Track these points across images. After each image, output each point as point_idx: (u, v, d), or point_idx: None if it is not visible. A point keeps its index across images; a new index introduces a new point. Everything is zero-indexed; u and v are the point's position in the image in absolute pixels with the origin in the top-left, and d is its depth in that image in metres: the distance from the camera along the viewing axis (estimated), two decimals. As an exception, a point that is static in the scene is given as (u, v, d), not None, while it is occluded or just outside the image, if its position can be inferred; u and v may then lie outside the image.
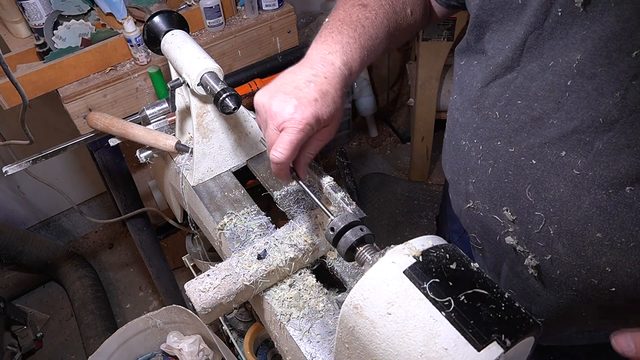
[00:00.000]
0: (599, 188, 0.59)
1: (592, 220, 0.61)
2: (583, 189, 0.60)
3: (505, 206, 0.70)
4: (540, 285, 0.72)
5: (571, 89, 0.57)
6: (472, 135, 0.72)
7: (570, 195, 0.61)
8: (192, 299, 0.75)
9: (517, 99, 0.64)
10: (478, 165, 0.72)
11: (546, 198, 0.64)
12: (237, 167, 1.03)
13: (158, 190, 1.79)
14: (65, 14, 1.41)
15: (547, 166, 0.63)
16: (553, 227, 0.65)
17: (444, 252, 0.54)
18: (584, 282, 0.66)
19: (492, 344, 0.47)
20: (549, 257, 0.67)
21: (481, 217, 0.75)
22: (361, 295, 0.54)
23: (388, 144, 2.90)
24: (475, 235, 0.80)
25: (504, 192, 0.69)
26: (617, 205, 0.59)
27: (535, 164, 0.64)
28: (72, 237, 2.54)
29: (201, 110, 0.93)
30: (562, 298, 0.71)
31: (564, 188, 0.62)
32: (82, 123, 1.38)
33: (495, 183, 0.70)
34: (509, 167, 0.67)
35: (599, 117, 0.56)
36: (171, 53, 0.93)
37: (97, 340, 1.91)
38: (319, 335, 0.75)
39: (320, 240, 0.83)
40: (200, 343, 1.48)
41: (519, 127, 0.64)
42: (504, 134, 0.66)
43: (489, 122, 0.69)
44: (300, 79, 0.69)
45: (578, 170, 0.60)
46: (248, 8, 1.51)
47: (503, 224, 0.71)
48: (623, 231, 0.59)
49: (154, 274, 1.82)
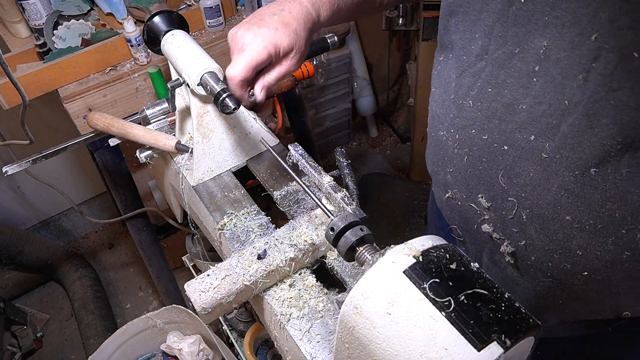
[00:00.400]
0: (566, 170, 0.60)
1: (562, 204, 0.62)
2: (551, 172, 0.62)
3: (481, 193, 0.72)
4: (517, 273, 0.74)
5: (538, 75, 0.59)
6: (448, 125, 0.74)
7: (540, 179, 0.63)
8: (192, 299, 0.75)
9: (488, 87, 0.65)
10: (455, 154, 0.74)
11: (518, 183, 0.65)
12: (237, 167, 1.03)
13: (158, 190, 1.80)
14: (65, 14, 1.41)
15: (518, 151, 0.64)
16: (525, 212, 0.66)
17: (444, 252, 0.54)
18: (557, 267, 0.67)
19: (492, 344, 0.47)
20: (523, 242, 0.69)
21: (459, 207, 0.77)
22: (361, 295, 0.54)
23: (388, 144, 2.90)
24: (456, 227, 0.82)
25: (479, 179, 0.71)
26: (583, 188, 0.60)
27: (507, 149, 0.65)
28: (72, 237, 2.54)
29: (201, 110, 0.93)
30: (539, 285, 0.72)
31: (534, 172, 0.63)
32: (82, 123, 1.38)
33: (471, 171, 0.72)
34: (483, 154, 0.69)
35: (564, 100, 0.57)
36: (171, 53, 0.93)
37: (97, 340, 1.91)
38: (319, 335, 0.75)
39: (320, 240, 0.82)
40: (200, 343, 1.48)
41: (491, 114, 0.66)
42: (478, 122, 0.68)
43: (463, 112, 0.70)
44: (266, 12, 0.79)
45: (546, 153, 0.61)
46: (248, 8, 1.51)
47: (479, 211, 0.73)
48: (590, 213, 0.61)
49: (154, 274, 1.82)
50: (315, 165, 0.89)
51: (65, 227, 2.49)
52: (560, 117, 0.59)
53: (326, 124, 2.66)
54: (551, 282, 0.70)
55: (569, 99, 0.57)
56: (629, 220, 0.59)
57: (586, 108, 0.56)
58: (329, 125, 2.68)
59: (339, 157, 0.92)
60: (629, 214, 0.58)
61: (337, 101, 2.60)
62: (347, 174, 0.91)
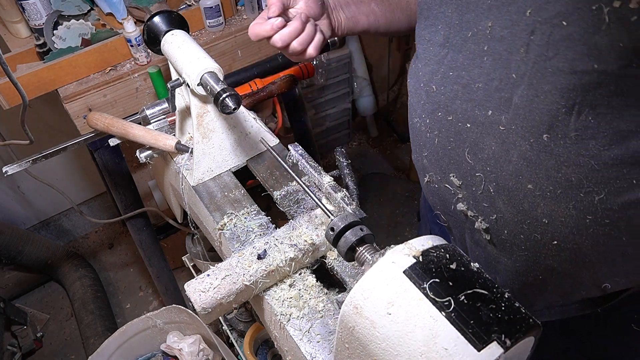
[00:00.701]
0: (522, 140, 0.64)
1: (522, 173, 0.65)
2: (510, 143, 0.65)
3: (452, 172, 0.76)
4: (496, 250, 0.77)
5: (488, 53, 0.64)
6: (420, 111, 0.79)
7: (501, 151, 0.66)
8: (192, 299, 0.75)
9: (449, 71, 0.71)
10: (427, 138, 0.78)
11: (482, 158, 0.69)
12: (237, 167, 1.03)
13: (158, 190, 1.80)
14: (65, 14, 1.41)
15: (479, 127, 0.68)
16: (492, 186, 0.70)
17: (444, 252, 0.54)
18: (529, 238, 0.70)
19: (492, 344, 0.47)
20: (495, 217, 0.72)
21: (437, 190, 0.81)
22: (361, 295, 0.54)
23: (388, 144, 2.90)
24: (440, 212, 0.85)
25: (449, 159, 0.75)
26: (539, 154, 0.63)
27: (469, 127, 0.69)
28: (72, 237, 2.54)
29: (201, 110, 0.93)
30: (518, 261, 0.74)
31: (495, 145, 0.67)
32: (82, 123, 1.38)
33: (442, 152, 0.76)
34: (450, 135, 0.73)
35: (511, 74, 0.62)
36: (171, 53, 0.93)
37: (97, 340, 1.91)
38: (319, 335, 0.75)
39: (320, 240, 0.82)
40: (200, 343, 1.48)
41: (453, 95, 0.71)
42: (442, 105, 0.73)
43: (430, 97, 0.75)
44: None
45: (503, 126, 0.65)
46: (248, 8, 1.51)
47: (453, 191, 0.77)
48: (549, 179, 0.64)
49: (154, 274, 1.82)
50: (315, 165, 0.89)
51: (65, 227, 2.49)
52: (511, 90, 0.63)
53: (326, 124, 2.66)
54: (527, 256, 0.73)
55: (515, 72, 0.61)
56: (584, 183, 0.61)
57: (530, 78, 0.60)
58: (329, 125, 2.68)
59: (339, 157, 0.92)
60: (583, 177, 0.61)
61: (337, 101, 2.60)
62: (347, 174, 0.91)
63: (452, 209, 0.79)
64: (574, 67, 0.56)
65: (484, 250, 0.79)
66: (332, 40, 1.50)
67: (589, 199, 0.62)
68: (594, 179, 0.61)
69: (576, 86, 0.56)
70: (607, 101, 0.56)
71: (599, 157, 0.59)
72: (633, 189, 0.60)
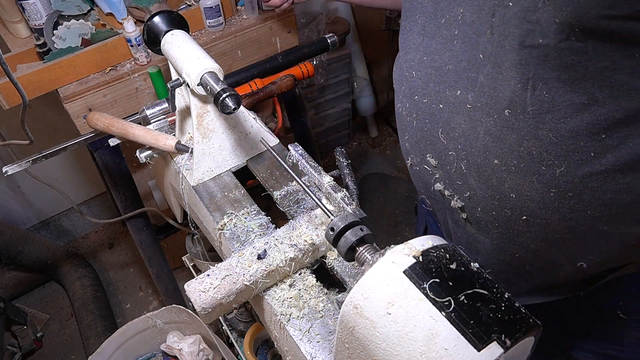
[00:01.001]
0: (487, 116, 0.67)
1: (489, 148, 0.69)
2: (476, 121, 0.69)
3: (429, 153, 0.79)
4: (474, 229, 0.80)
5: (458, 37, 0.69)
6: (402, 97, 0.83)
7: (469, 128, 0.70)
8: (192, 299, 0.75)
9: (424, 57, 0.75)
10: (407, 122, 0.82)
11: (454, 137, 0.73)
12: (237, 167, 1.03)
13: (158, 190, 1.80)
14: (65, 14, 1.41)
15: (450, 107, 0.72)
16: (463, 163, 0.73)
17: (444, 252, 0.54)
18: (500, 215, 0.72)
19: (492, 344, 0.47)
20: (468, 194, 0.76)
21: (418, 172, 0.85)
22: (361, 295, 0.54)
23: (388, 144, 2.90)
24: (424, 196, 0.89)
25: (426, 140, 0.79)
26: (502, 129, 0.66)
27: (442, 107, 0.73)
28: (72, 237, 2.54)
29: (201, 110, 0.93)
30: (495, 239, 0.77)
31: (464, 123, 0.71)
32: (82, 123, 1.38)
33: (419, 134, 0.80)
34: (426, 117, 0.77)
35: (479, 54, 0.66)
36: (171, 53, 0.93)
37: (97, 340, 1.91)
38: (319, 335, 0.75)
39: (320, 240, 0.82)
40: (200, 343, 1.48)
41: (427, 79, 0.75)
42: (420, 89, 0.77)
43: (409, 82, 0.80)
44: None
45: (470, 104, 0.69)
46: (248, 8, 1.51)
47: (431, 171, 0.81)
48: (512, 153, 0.67)
49: (154, 274, 1.82)
50: (315, 165, 0.89)
51: (65, 227, 2.49)
52: (477, 70, 0.67)
53: (326, 124, 2.66)
54: (502, 234, 0.75)
55: (482, 52, 0.66)
56: (545, 156, 0.65)
57: (495, 57, 0.64)
58: (329, 125, 2.68)
59: (339, 157, 0.92)
60: (543, 150, 0.64)
61: (337, 101, 2.60)
62: (347, 174, 0.91)
63: (431, 190, 0.83)
64: (523, 42, 0.60)
65: (464, 230, 0.83)
66: (332, 41, 1.50)
67: (550, 172, 0.65)
68: (553, 152, 0.64)
69: (528, 61, 0.61)
70: (557, 75, 0.60)
71: (557, 130, 0.63)
72: (592, 161, 0.63)
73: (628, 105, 0.59)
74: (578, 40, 0.57)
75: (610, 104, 0.60)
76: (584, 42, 0.57)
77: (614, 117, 0.60)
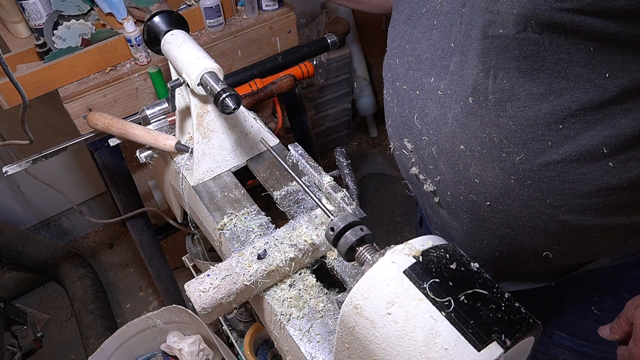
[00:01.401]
0: (455, 103, 0.70)
1: (456, 134, 0.71)
2: (446, 107, 0.71)
3: (406, 137, 0.82)
4: (446, 213, 0.82)
5: (436, 27, 0.71)
6: (387, 84, 0.86)
7: (440, 114, 0.73)
8: (192, 299, 0.75)
9: (407, 45, 0.78)
10: (390, 107, 0.85)
11: (427, 122, 0.76)
12: (237, 167, 1.03)
13: (158, 190, 1.80)
14: (65, 14, 1.41)
15: (425, 94, 0.75)
16: (434, 148, 0.76)
17: (444, 252, 0.54)
18: (467, 199, 0.75)
19: (492, 344, 0.47)
20: (438, 178, 0.78)
21: (399, 156, 0.87)
22: (361, 295, 0.54)
23: (388, 144, 2.89)
24: (407, 182, 0.91)
25: (404, 125, 0.81)
26: (467, 116, 0.69)
27: (418, 94, 0.76)
28: (72, 237, 2.54)
29: (201, 110, 0.93)
30: (464, 224, 0.79)
31: (436, 110, 0.73)
32: (82, 123, 1.38)
33: (399, 119, 0.82)
34: (405, 102, 0.80)
35: (450, 43, 0.69)
36: (171, 53, 0.93)
37: (97, 340, 1.91)
38: (319, 335, 0.75)
39: (320, 240, 0.82)
40: (200, 343, 1.48)
41: (408, 66, 0.78)
42: (401, 75, 0.80)
43: (392, 69, 0.83)
44: None
45: (441, 91, 0.72)
46: (248, 8, 1.51)
47: (408, 155, 0.83)
48: (476, 139, 0.69)
49: (154, 274, 1.82)
50: (315, 165, 0.89)
51: (65, 227, 2.49)
52: (449, 58, 0.69)
53: (326, 124, 2.66)
54: (470, 219, 0.77)
55: (454, 41, 0.68)
56: (505, 143, 0.66)
57: (462, 46, 0.67)
58: (329, 125, 2.68)
59: (339, 157, 0.92)
60: (504, 137, 0.66)
61: (337, 101, 2.60)
62: (347, 174, 0.91)
63: (409, 174, 0.85)
64: (486, 32, 0.62)
65: (438, 215, 0.85)
66: (332, 41, 1.50)
67: (510, 159, 0.67)
68: (513, 140, 0.66)
69: (490, 50, 0.63)
70: (517, 65, 0.62)
71: (516, 119, 0.64)
72: (549, 151, 0.64)
73: (584, 96, 0.60)
74: (535, 32, 0.58)
75: (567, 94, 0.61)
76: (540, 34, 0.58)
77: (570, 108, 0.61)
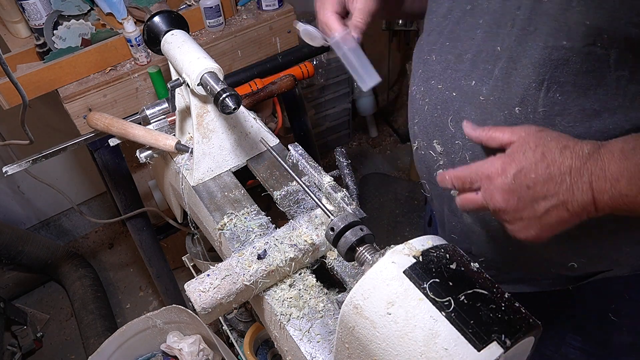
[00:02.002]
0: (498, 110, 0.67)
1: None
2: (487, 113, 0.69)
3: (435, 139, 0.79)
4: (470, 219, 0.80)
5: (481, 26, 0.68)
6: (418, 80, 0.83)
7: (479, 120, 0.70)
8: (192, 299, 0.75)
9: (447, 41, 0.74)
10: (420, 105, 0.82)
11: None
12: (237, 167, 1.03)
13: (158, 190, 1.79)
14: (65, 14, 1.41)
15: (463, 97, 0.72)
16: (468, 154, 0.73)
17: (444, 252, 0.54)
18: None
19: (492, 344, 0.47)
20: None
21: (423, 156, 0.84)
22: (361, 295, 0.54)
23: (388, 144, 2.90)
24: (425, 182, 0.89)
25: (435, 126, 0.78)
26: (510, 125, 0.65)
27: (455, 96, 0.73)
28: (72, 237, 2.54)
29: (201, 110, 0.93)
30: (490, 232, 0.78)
31: (474, 114, 0.71)
32: (82, 123, 1.38)
33: (430, 119, 0.79)
34: (438, 102, 0.77)
35: (497, 46, 0.66)
36: (171, 53, 0.93)
37: (97, 340, 1.91)
38: (319, 335, 0.75)
39: (320, 240, 0.82)
40: (200, 343, 1.48)
41: (446, 65, 0.74)
42: (437, 73, 0.77)
43: (427, 65, 0.79)
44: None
45: (483, 96, 0.69)
46: (248, 8, 1.51)
47: (435, 157, 0.80)
48: None
49: (154, 274, 1.82)
50: (315, 165, 0.89)
51: (65, 227, 2.49)
52: (494, 62, 0.67)
53: (326, 124, 2.66)
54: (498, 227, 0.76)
55: (500, 45, 0.65)
56: None
57: (511, 52, 0.64)
58: (329, 125, 2.68)
59: (339, 157, 0.92)
60: None
61: (337, 101, 2.60)
62: (347, 174, 0.91)
63: (433, 175, 0.83)
64: (547, 42, 0.60)
65: (460, 219, 0.83)
66: (332, 40, 1.50)
67: None
68: None
69: (546, 62, 0.60)
70: (574, 79, 0.60)
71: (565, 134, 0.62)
72: None
73: (637, 116, 0.59)
74: (602, 47, 0.56)
75: (621, 113, 0.60)
76: (607, 49, 0.56)
77: (622, 127, 0.60)
